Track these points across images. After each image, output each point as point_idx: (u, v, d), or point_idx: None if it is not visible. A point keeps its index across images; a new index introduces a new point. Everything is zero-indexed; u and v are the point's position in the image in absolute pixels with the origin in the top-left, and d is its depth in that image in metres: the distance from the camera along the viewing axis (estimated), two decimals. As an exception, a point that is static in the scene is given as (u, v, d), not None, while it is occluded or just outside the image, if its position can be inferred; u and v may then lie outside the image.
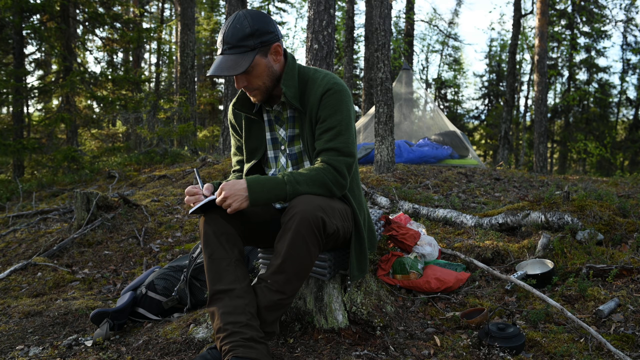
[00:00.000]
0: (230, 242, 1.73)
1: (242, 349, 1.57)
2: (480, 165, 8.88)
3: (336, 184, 1.76)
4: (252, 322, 1.63)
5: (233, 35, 1.70)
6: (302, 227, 1.61)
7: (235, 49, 1.71)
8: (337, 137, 1.78)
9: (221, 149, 8.90)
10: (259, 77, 1.78)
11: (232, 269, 1.69)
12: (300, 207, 1.62)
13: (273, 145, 1.98)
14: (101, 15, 10.05)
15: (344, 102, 1.81)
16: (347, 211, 1.85)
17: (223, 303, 1.65)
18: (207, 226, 1.73)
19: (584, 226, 2.98)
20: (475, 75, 41.42)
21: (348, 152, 1.79)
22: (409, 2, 18.18)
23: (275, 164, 1.99)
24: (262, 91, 1.82)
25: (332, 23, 5.32)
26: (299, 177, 1.70)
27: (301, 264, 1.65)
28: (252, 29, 1.71)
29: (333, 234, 1.72)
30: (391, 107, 6.16)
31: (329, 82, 1.81)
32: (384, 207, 4.20)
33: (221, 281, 1.68)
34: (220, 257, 1.70)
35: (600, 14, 19.25)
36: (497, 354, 1.81)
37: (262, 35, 1.73)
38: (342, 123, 1.79)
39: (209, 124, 21.83)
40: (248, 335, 1.60)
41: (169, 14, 23.28)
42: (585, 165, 22.69)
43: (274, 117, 1.95)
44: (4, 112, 13.52)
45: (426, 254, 2.69)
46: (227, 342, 1.59)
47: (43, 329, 2.36)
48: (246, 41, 1.71)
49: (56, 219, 4.86)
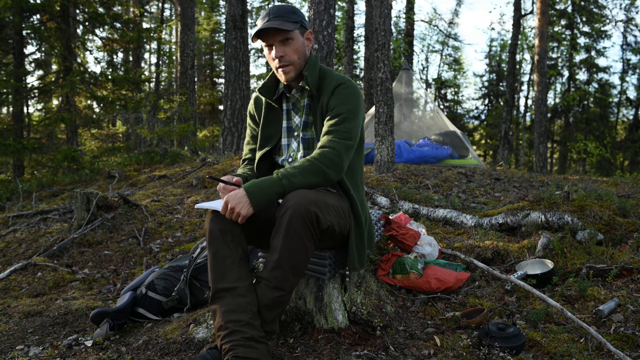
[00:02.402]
0: (235, 241, 1.75)
1: (242, 348, 1.57)
2: (480, 165, 8.88)
3: (331, 165, 1.79)
4: (253, 321, 1.64)
5: (280, 9, 1.90)
6: (295, 222, 1.63)
7: (281, 18, 1.88)
8: (342, 123, 1.87)
9: (221, 149, 8.90)
10: (296, 52, 1.93)
11: (235, 268, 1.71)
12: (293, 202, 1.65)
13: (287, 133, 2.07)
14: (101, 15, 10.04)
15: (354, 95, 1.92)
16: (344, 208, 1.87)
17: (225, 301, 1.66)
18: (213, 224, 1.75)
19: (584, 226, 2.98)
20: (475, 75, 41.43)
21: (348, 136, 1.86)
22: (409, 2, 18.18)
23: (286, 151, 2.06)
24: (295, 67, 1.95)
25: (332, 23, 5.32)
26: (292, 170, 1.75)
27: (297, 259, 1.66)
28: (295, 8, 1.95)
29: (327, 229, 1.73)
30: (391, 107, 6.16)
31: (343, 78, 1.95)
32: (384, 207, 4.20)
33: (224, 279, 1.69)
34: (224, 255, 1.72)
35: (600, 14, 19.25)
36: (497, 354, 1.81)
37: (302, 17, 1.95)
38: (349, 112, 1.89)
39: (209, 124, 21.83)
40: (249, 335, 1.60)
41: (169, 14, 23.28)
42: (585, 165, 22.68)
43: (292, 105, 2.06)
44: (4, 112, 13.52)
45: (426, 254, 2.69)
46: (227, 340, 1.59)
47: (43, 329, 2.36)
48: (291, 15, 1.91)
49: (56, 219, 4.86)
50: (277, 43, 1.90)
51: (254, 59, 27.45)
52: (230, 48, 8.76)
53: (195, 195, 5.43)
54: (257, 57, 27.38)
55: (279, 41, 1.90)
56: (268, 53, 1.96)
